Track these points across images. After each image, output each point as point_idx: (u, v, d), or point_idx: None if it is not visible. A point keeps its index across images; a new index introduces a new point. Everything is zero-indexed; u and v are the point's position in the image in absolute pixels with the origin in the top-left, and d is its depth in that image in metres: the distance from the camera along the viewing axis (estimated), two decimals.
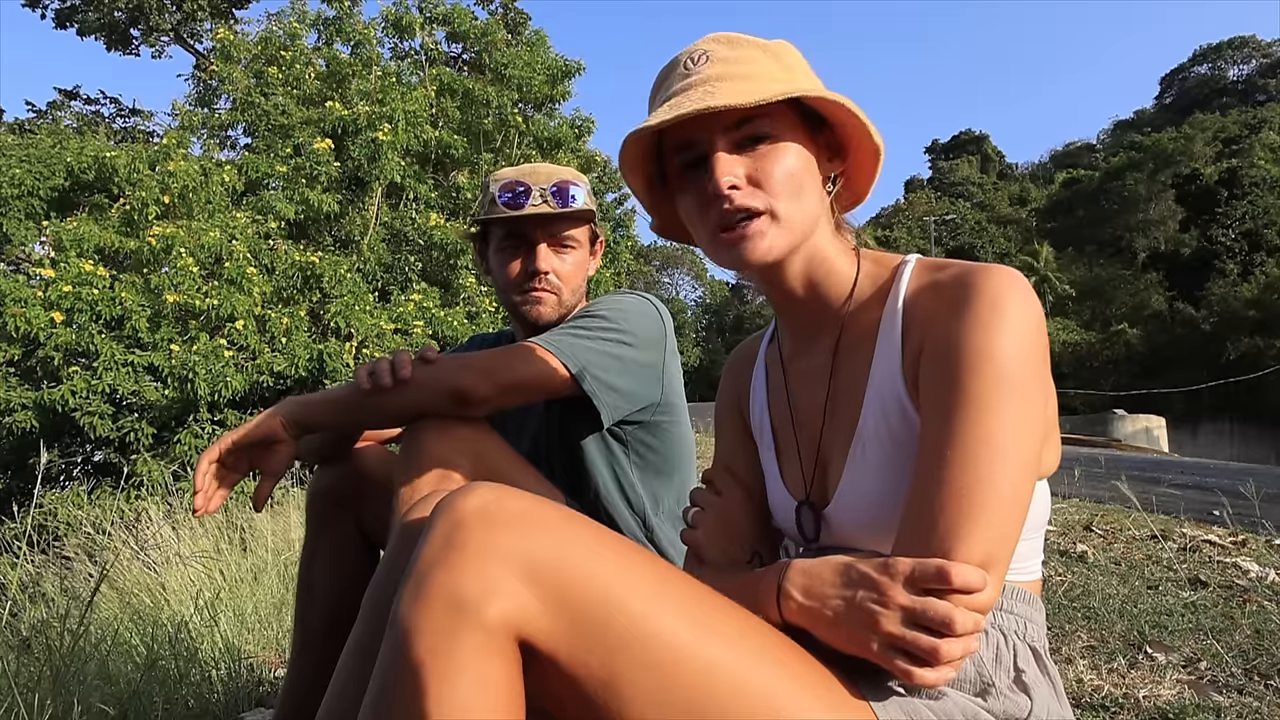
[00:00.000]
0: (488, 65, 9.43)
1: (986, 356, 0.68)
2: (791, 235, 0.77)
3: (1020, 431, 0.67)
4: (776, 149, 0.76)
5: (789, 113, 0.77)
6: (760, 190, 0.76)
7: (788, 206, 0.76)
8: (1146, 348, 31.97)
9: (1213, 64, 57.51)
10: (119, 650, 2.10)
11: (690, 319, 45.67)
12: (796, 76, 0.78)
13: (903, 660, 0.63)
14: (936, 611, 0.62)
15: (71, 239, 6.48)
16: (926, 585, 0.63)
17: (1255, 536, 3.13)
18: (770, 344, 0.97)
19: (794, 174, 0.76)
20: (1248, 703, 1.50)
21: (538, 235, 1.36)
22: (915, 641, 0.62)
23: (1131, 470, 6.81)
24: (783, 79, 0.76)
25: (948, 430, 0.67)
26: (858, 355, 0.81)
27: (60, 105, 18.70)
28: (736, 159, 0.76)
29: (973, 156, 56.17)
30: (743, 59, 0.77)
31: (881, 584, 0.65)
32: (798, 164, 0.77)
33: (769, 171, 0.75)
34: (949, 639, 0.62)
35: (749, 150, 0.76)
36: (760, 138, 0.76)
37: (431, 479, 1.07)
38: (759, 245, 0.76)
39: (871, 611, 0.64)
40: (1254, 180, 33.90)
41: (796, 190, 0.77)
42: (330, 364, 6.48)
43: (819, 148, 0.80)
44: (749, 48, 0.78)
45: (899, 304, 0.78)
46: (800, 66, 0.80)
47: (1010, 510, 0.66)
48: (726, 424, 1.01)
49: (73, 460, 7.19)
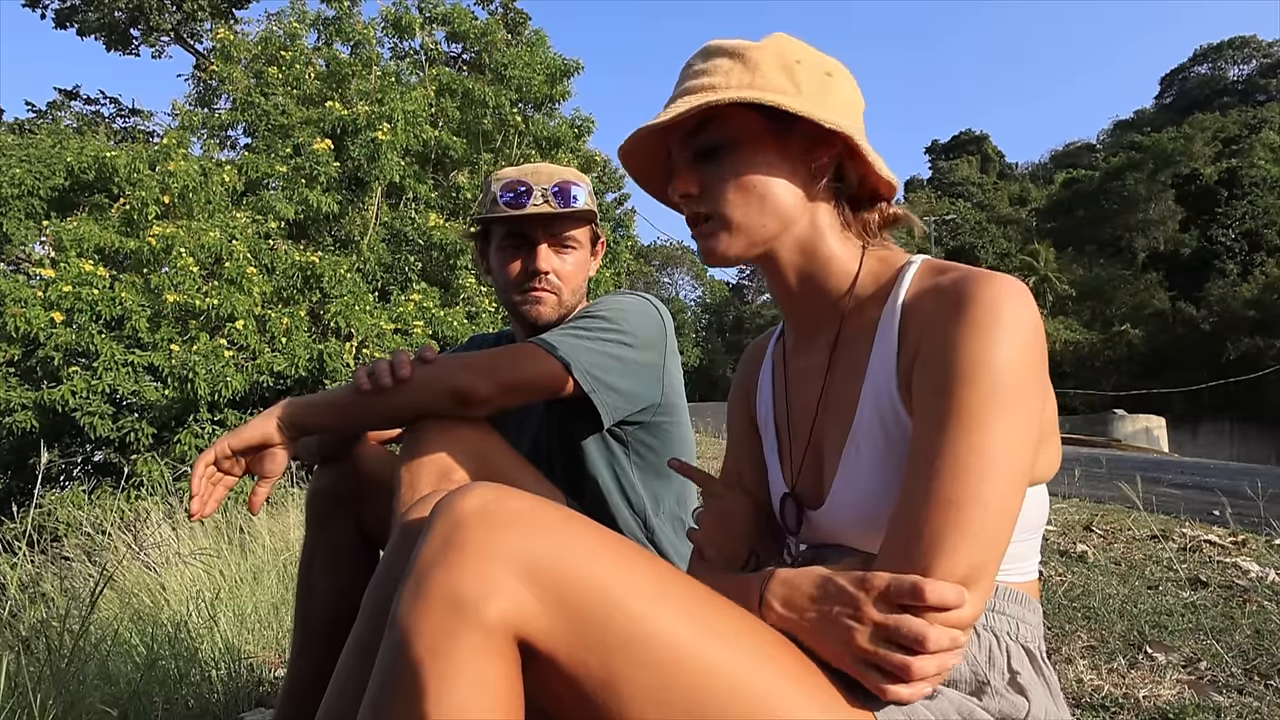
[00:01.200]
0: (487, 65, 9.43)
1: (982, 367, 0.67)
2: (747, 237, 0.81)
3: (1012, 445, 0.67)
4: (731, 156, 0.79)
5: (747, 115, 0.78)
6: (710, 198, 0.80)
7: (739, 212, 0.80)
8: (1147, 348, 31.98)
9: (1213, 64, 57.49)
10: (119, 650, 2.10)
11: (690, 319, 45.65)
12: (757, 78, 0.78)
13: (876, 676, 0.63)
14: (910, 629, 0.62)
15: (71, 239, 6.48)
16: (901, 601, 0.63)
17: (1255, 536, 3.13)
18: (778, 341, 0.98)
19: (745, 180, 0.79)
20: (1248, 703, 1.50)
21: (539, 235, 1.36)
22: (887, 658, 0.62)
23: (1131, 470, 6.81)
24: (738, 84, 0.78)
25: (939, 441, 0.67)
26: (855, 353, 0.81)
27: (60, 105, 18.70)
28: (693, 169, 0.81)
29: (973, 156, 56.15)
30: (709, 69, 0.80)
31: (856, 599, 0.65)
32: (754, 167, 0.79)
33: (720, 178, 0.80)
34: (922, 656, 0.62)
35: (706, 160, 0.80)
36: (715, 146, 0.80)
37: (432, 479, 1.06)
38: (713, 246, 0.82)
39: (846, 626, 0.65)
40: (1254, 180, 33.91)
41: (750, 194, 0.79)
42: (330, 364, 6.48)
43: (790, 143, 0.80)
44: (719, 56, 0.80)
45: (898, 304, 0.78)
46: (776, 64, 0.79)
47: (997, 524, 0.66)
48: (736, 421, 1.02)
49: (73, 460, 7.19)
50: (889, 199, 0.86)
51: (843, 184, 0.83)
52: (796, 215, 0.81)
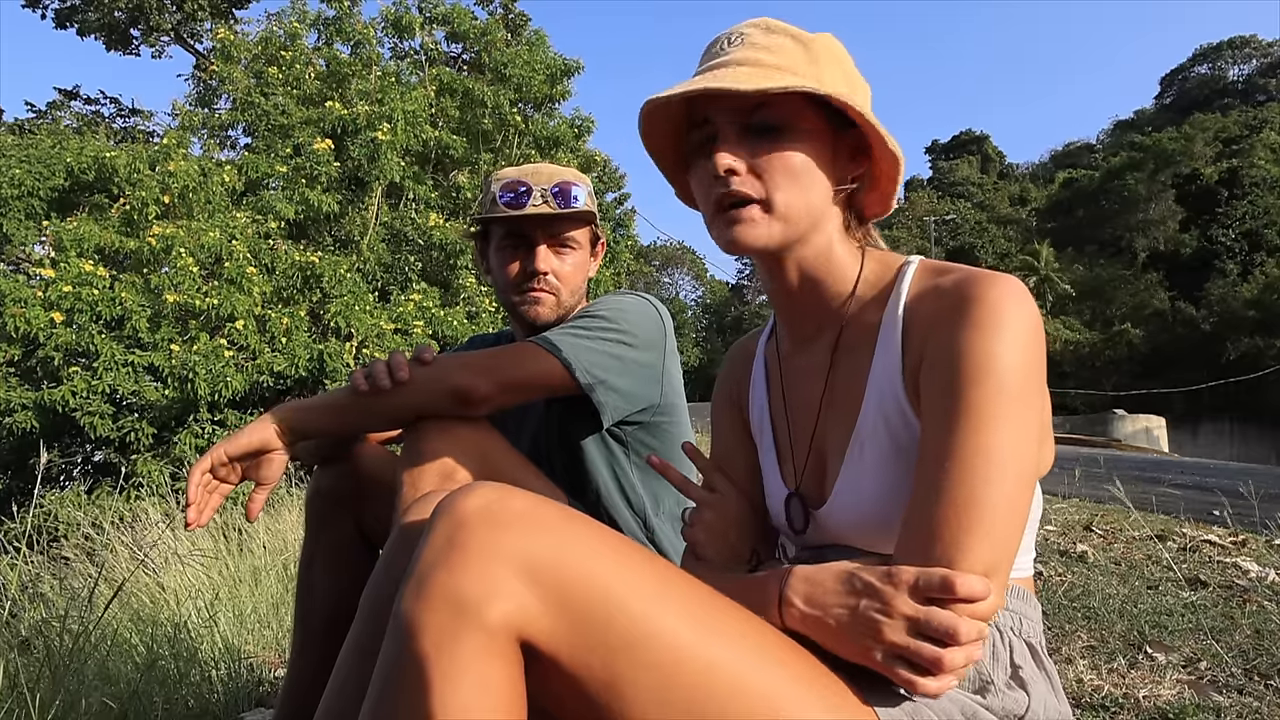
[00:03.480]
0: (487, 65, 9.43)
1: (987, 369, 0.68)
2: (785, 227, 0.78)
3: (1018, 443, 0.67)
4: (785, 142, 0.76)
5: (808, 107, 0.77)
6: (759, 180, 0.76)
7: (786, 199, 0.76)
8: (1147, 348, 31.99)
9: (1213, 64, 57.48)
10: (119, 650, 2.10)
11: (690, 319, 45.67)
12: (823, 72, 0.77)
13: (905, 669, 0.63)
14: (941, 621, 0.62)
15: (71, 239, 6.48)
16: (931, 595, 0.63)
17: (1255, 536, 3.13)
18: (769, 341, 0.96)
19: (797, 169, 0.76)
20: (1248, 703, 1.50)
21: (538, 235, 1.36)
22: (919, 651, 0.62)
23: (1131, 470, 6.81)
24: (805, 73, 0.76)
25: (949, 442, 0.68)
26: (857, 355, 0.81)
27: (60, 105, 18.69)
28: (741, 145, 0.76)
29: (973, 157, 56.14)
30: (773, 47, 0.77)
31: (885, 593, 0.64)
32: (805, 159, 0.77)
33: (771, 163, 0.76)
34: (952, 648, 0.62)
35: (758, 138, 0.76)
36: (771, 127, 0.76)
37: (434, 479, 1.06)
38: (749, 232, 0.77)
39: (875, 621, 0.64)
40: (1254, 180, 33.93)
41: (798, 185, 0.76)
42: (330, 364, 6.48)
43: (840, 146, 0.80)
44: (783, 36, 0.78)
45: (900, 307, 0.78)
46: (834, 63, 0.79)
47: (1008, 521, 0.66)
48: (723, 421, 1.01)
49: (73, 460, 7.19)
50: (880, 218, 0.86)
51: (856, 193, 0.83)
52: (826, 216, 0.81)
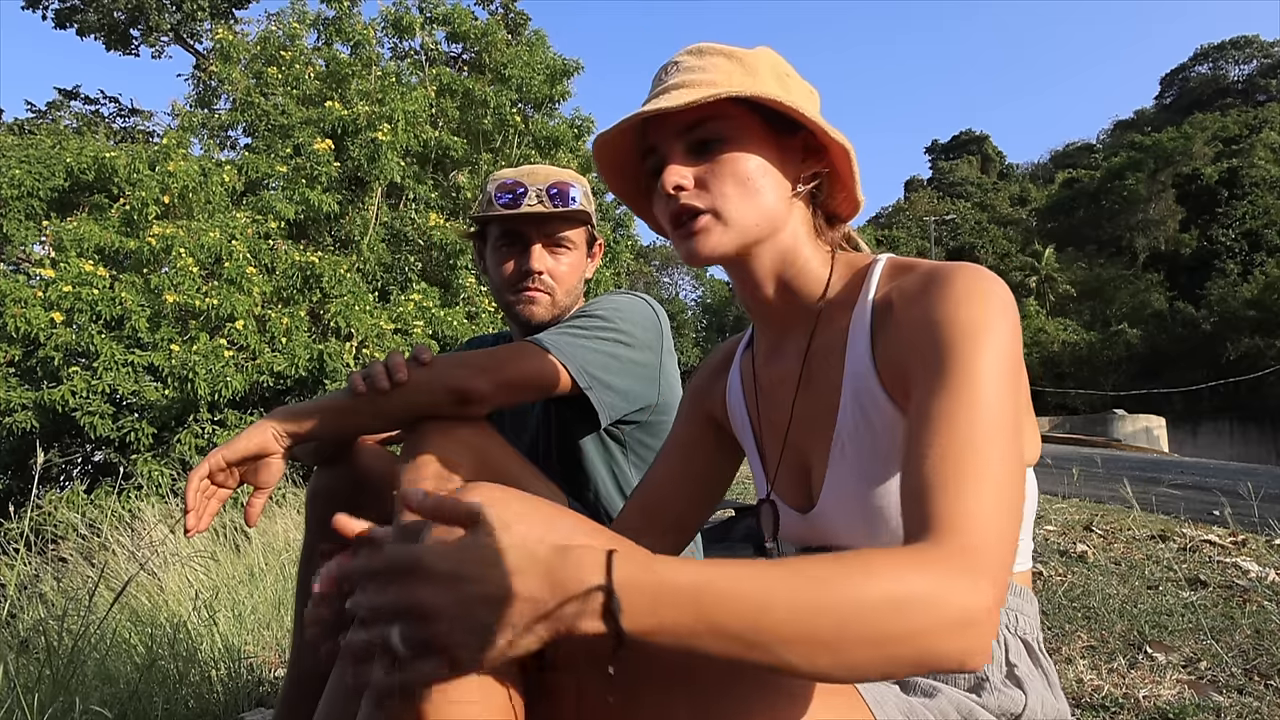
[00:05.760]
0: (487, 65, 9.44)
1: (965, 331, 0.67)
2: (739, 234, 0.79)
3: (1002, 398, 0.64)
4: (728, 151, 0.78)
5: (745, 115, 0.78)
6: (707, 191, 0.78)
7: (736, 207, 0.78)
8: (1147, 348, 31.95)
9: (1214, 64, 57.46)
10: (119, 651, 2.10)
11: (690, 319, 45.62)
12: (761, 81, 0.79)
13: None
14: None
15: (71, 239, 6.49)
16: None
17: (1255, 536, 3.13)
18: (746, 349, 0.97)
19: (743, 175, 0.78)
20: (1248, 703, 1.50)
21: (533, 235, 1.36)
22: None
23: (1131, 470, 6.81)
24: (739, 84, 0.77)
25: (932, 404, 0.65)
26: (830, 358, 0.81)
27: (60, 105, 18.72)
28: (687, 162, 0.79)
29: (973, 156, 56.17)
30: (706, 66, 0.79)
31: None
32: (751, 165, 0.78)
33: (716, 174, 0.78)
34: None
35: (702, 153, 0.79)
36: (711, 140, 0.78)
37: (434, 479, 1.06)
38: (705, 241, 0.79)
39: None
40: (1254, 180, 33.93)
41: (745, 190, 0.78)
42: (330, 364, 6.48)
43: (788, 148, 0.81)
44: (715, 55, 0.80)
45: (869, 301, 0.79)
46: (771, 72, 0.80)
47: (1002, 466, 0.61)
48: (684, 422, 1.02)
49: (72, 460, 7.19)
50: (851, 218, 0.87)
51: (819, 194, 0.84)
52: (784, 219, 0.82)
